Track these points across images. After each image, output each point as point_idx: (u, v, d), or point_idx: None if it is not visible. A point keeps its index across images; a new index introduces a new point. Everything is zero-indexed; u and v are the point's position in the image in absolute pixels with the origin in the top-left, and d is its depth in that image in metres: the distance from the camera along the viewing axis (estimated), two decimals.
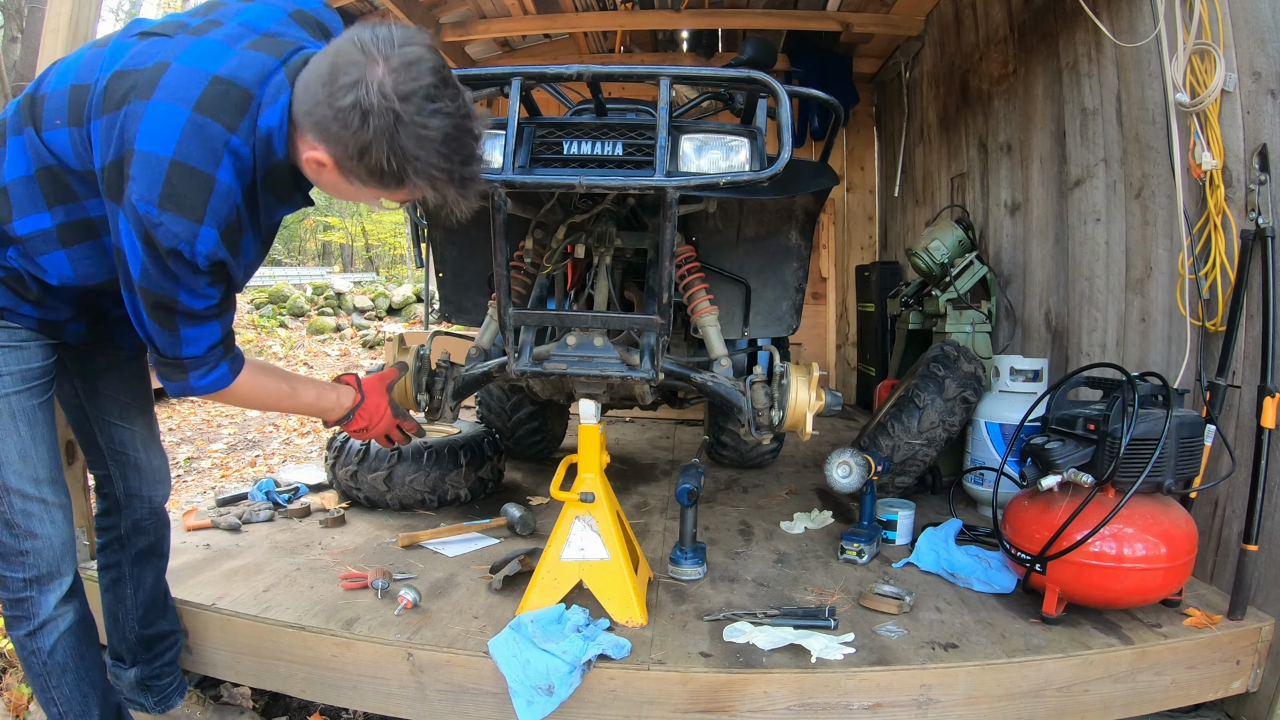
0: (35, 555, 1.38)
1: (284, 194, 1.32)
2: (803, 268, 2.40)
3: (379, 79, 1.09)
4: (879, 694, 1.58)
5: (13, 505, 1.35)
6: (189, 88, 1.16)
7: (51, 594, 1.41)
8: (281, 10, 1.33)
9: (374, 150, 1.12)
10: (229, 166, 1.19)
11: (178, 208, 1.14)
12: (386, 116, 1.10)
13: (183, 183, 1.14)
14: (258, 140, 1.21)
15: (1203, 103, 1.96)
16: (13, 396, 1.34)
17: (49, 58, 1.91)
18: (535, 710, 1.52)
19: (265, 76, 1.21)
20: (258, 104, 1.20)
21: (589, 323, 1.90)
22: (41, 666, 1.43)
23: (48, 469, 1.40)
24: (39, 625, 1.41)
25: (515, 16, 4.59)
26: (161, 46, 1.21)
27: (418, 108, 1.11)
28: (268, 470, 4.14)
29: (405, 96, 1.10)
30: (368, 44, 1.12)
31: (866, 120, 5.52)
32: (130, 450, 1.61)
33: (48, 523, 1.39)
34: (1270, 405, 1.80)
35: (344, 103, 1.10)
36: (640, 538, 2.33)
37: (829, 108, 2.05)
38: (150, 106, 1.14)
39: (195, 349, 1.31)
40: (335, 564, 2.08)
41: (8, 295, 1.31)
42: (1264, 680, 1.81)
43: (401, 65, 1.11)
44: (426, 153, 1.13)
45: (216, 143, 1.17)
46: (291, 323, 9.78)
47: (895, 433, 2.58)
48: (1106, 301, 2.58)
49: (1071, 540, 1.72)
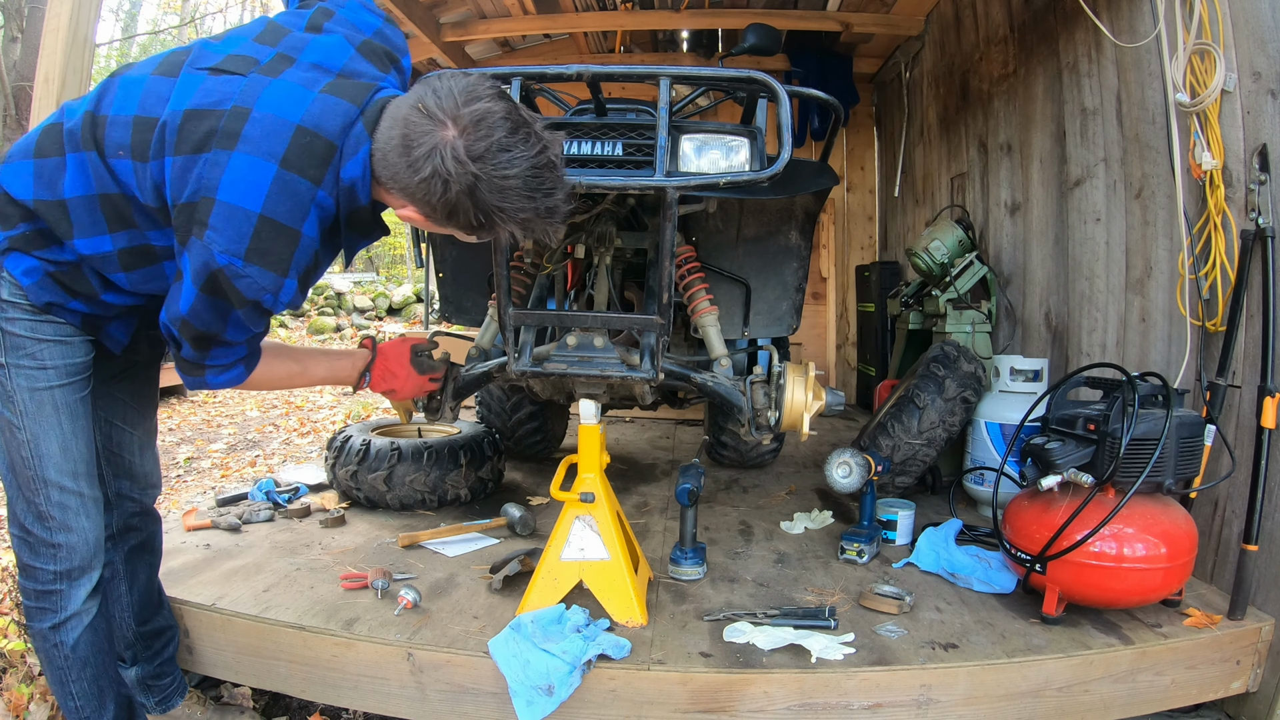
0: (69, 549, 1.39)
1: (365, 230, 1.37)
2: (803, 268, 2.40)
3: (451, 144, 1.14)
4: (879, 694, 1.58)
5: (50, 498, 1.37)
6: (274, 140, 1.17)
7: (81, 588, 1.42)
8: (349, 45, 1.34)
9: (460, 211, 1.18)
10: (314, 220, 1.22)
11: (264, 261, 1.18)
12: (465, 180, 1.15)
13: (270, 238, 1.18)
14: (340, 190, 1.25)
15: (1203, 103, 1.96)
16: (57, 390, 1.36)
17: (49, 58, 1.91)
18: (535, 710, 1.52)
19: (347, 128, 1.23)
20: (340, 155, 1.23)
21: (589, 323, 1.90)
22: (63, 660, 1.43)
23: (85, 463, 1.41)
24: (65, 619, 1.41)
25: (515, 16, 4.59)
26: (236, 88, 1.21)
27: (494, 163, 1.15)
28: (268, 470, 4.14)
29: (479, 156, 1.15)
30: (432, 108, 1.16)
31: (866, 120, 5.52)
32: (126, 453, 1.61)
33: (83, 516, 1.40)
34: (1270, 405, 1.80)
35: (423, 174, 1.15)
36: (640, 538, 2.33)
37: (829, 108, 2.05)
38: (234, 158, 1.16)
39: (221, 362, 1.36)
40: (335, 564, 2.08)
41: (57, 291, 1.33)
42: (1264, 680, 1.81)
43: (471, 125, 1.15)
44: (510, 201, 1.18)
45: (304, 198, 1.20)
46: (291, 322, 9.79)
47: (895, 433, 2.58)
48: (1106, 301, 2.58)
49: (1071, 540, 1.72)
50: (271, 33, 1.33)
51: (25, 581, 1.42)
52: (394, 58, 1.41)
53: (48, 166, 1.27)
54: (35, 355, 1.34)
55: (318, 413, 6.01)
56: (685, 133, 1.86)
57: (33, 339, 1.33)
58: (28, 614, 1.43)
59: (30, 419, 1.34)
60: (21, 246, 1.29)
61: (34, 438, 1.35)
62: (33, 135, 1.31)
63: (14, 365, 1.33)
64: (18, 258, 1.29)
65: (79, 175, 1.26)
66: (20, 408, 1.34)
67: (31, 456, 1.35)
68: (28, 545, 1.40)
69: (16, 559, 1.43)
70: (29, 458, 1.35)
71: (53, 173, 1.27)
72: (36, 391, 1.34)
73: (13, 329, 1.32)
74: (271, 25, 1.35)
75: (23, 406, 1.34)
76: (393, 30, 1.45)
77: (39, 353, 1.34)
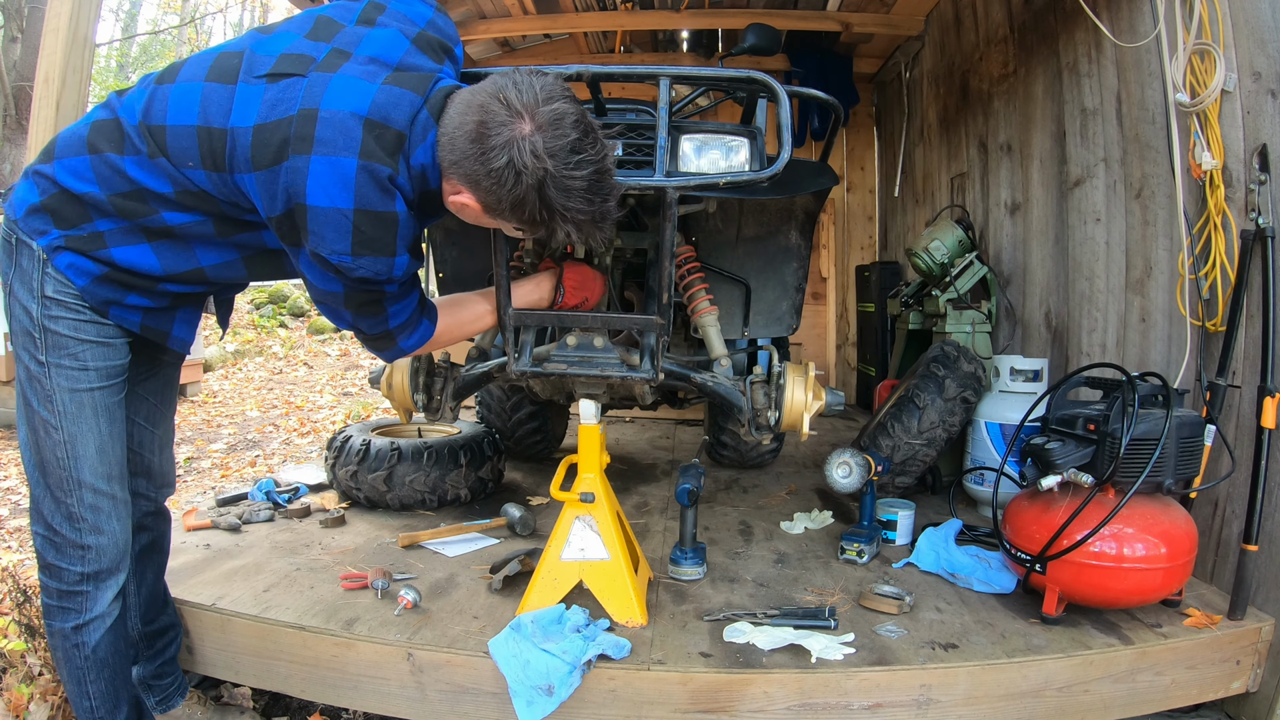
0: (98, 551, 1.39)
1: (433, 212, 1.39)
2: (803, 268, 2.40)
3: (529, 138, 1.17)
4: (879, 694, 1.58)
5: (83, 500, 1.36)
6: (348, 135, 1.19)
7: (109, 590, 1.42)
8: (404, 38, 1.34)
9: (527, 205, 1.22)
10: (400, 198, 1.25)
11: (373, 250, 1.23)
12: (538, 175, 1.18)
13: (371, 227, 1.22)
14: (412, 175, 1.27)
15: (1203, 103, 1.96)
16: (97, 392, 1.35)
17: (49, 58, 1.91)
18: (535, 710, 1.52)
19: (413, 117, 1.25)
20: (410, 144, 1.25)
21: (589, 323, 1.90)
22: (84, 661, 1.42)
23: (120, 466, 1.41)
24: (89, 620, 1.41)
25: (515, 16, 4.59)
26: (299, 90, 1.22)
27: (565, 162, 1.19)
28: (268, 470, 4.14)
29: (554, 154, 1.18)
30: (513, 101, 1.19)
31: (866, 120, 5.52)
32: (146, 452, 1.61)
33: (114, 519, 1.40)
34: (1270, 405, 1.80)
35: (498, 164, 1.18)
36: (640, 538, 2.33)
37: (829, 108, 2.04)
38: (314, 162, 1.18)
39: (401, 318, 1.42)
40: (335, 564, 2.08)
41: (114, 289, 1.33)
42: (1264, 680, 1.81)
43: (548, 123, 1.19)
44: (574, 201, 1.23)
45: (387, 182, 1.22)
46: (291, 323, 9.78)
47: (895, 433, 2.58)
48: (1106, 301, 2.58)
49: (1072, 540, 1.72)
50: (324, 28, 1.33)
51: (49, 580, 1.40)
52: (448, 48, 1.42)
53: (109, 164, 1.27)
54: (77, 355, 1.33)
55: (318, 413, 6.01)
56: (685, 133, 1.86)
57: (75, 339, 1.32)
58: (47, 612, 1.42)
59: (69, 420, 1.33)
60: (79, 247, 1.29)
61: (71, 439, 1.34)
62: (80, 133, 1.30)
63: (55, 364, 1.32)
64: (72, 257, 1.29)
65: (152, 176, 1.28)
66: (59, 408, 1.32)
67: (67, 457, 1.34)
68: (53, 545, 1.38)
69: (39, 558, 1.41)
70: (64, 458, 1.34)
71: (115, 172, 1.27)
72: (77, 393, 1.33)
73: (56, 327, 1.31)
74: (322, 20, 1.35)
75: (62, 407, 1.32)
76: (444, 20, 1.45)
77: (81, 353, 1.33)
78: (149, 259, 1.32)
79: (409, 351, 1.50)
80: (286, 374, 7.69)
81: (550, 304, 1.81)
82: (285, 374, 7.69)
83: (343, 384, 7.26)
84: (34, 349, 1.32)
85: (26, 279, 1.30)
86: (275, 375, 7.61)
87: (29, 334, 1.32)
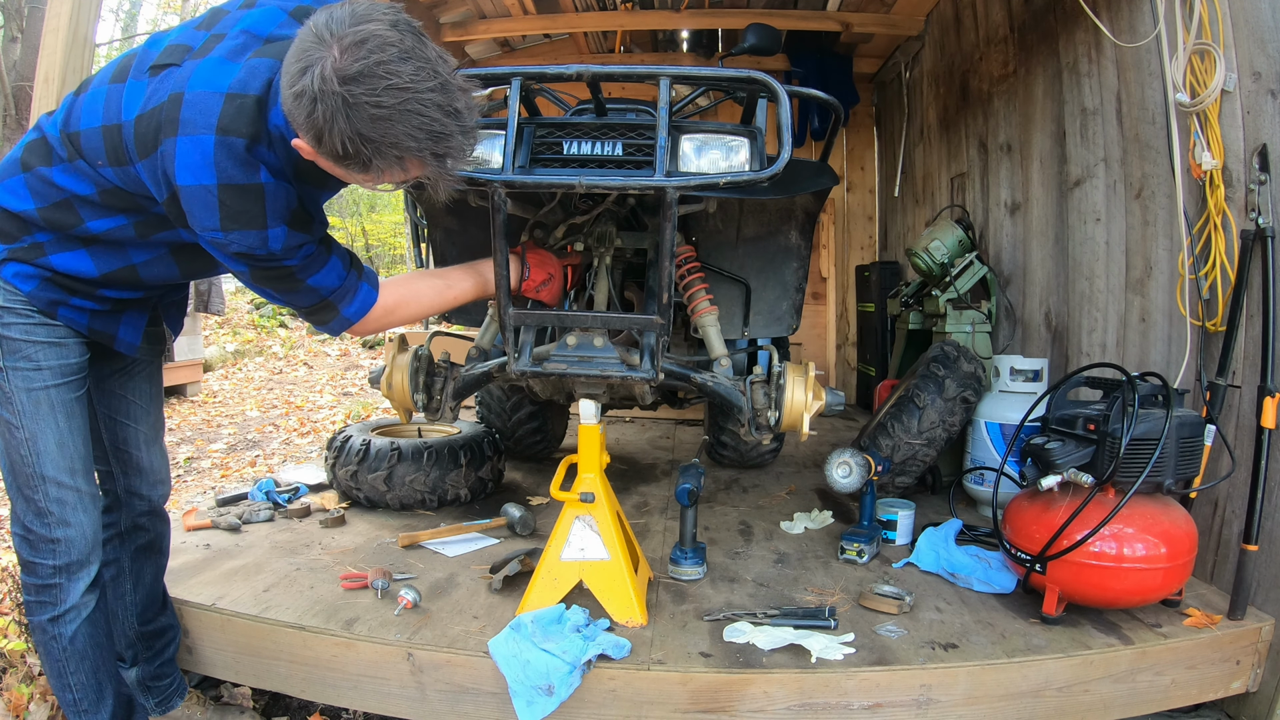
0: (67, 544, 1.42)
1: (318, 181, 1.36)
2: (803, 268, 2.40)
3: (326, 63, 1.08)
4: (879, 694, 1.58)
5: (48, 494, 1.40)
6: (207, 113, 1.20)
7: (80, 582, 1.45)
8: (281, 11, 1.34)
9: (328, 135, 1.10)
10: (264, 170, 1.24)
11: (240, 224, 1.23)
12: (333, 100, 1.07)
13: (235, 200, 1.22)
14: (274, 140, 1.25)
15: (1203, 103, 1.96)
16: (52, 389, 1.40)
17: (49, 57, 1.92)
18: (535, 710, 1.52)
19: (271, 81, 1.23)
20: (268, 108, 1.23)
21: (589, 323, 1.90)
22: (61, 653, 1.46)
23: (82, 460, 1.45)
24: (63, 611, 1.44)
25: (515, 16, 4.59)
26: (174, 79, 1.24)
27: (368, 88, 1.07)
28: (268, 470, 4.14)
29: (352, 78, 1.07)
30: (322, 29, 1.10)
31: (866, 120, 5.52)
32: (133, 449, 1.64)
33: (80, 511, 1.43)
34: (1270, 405, 1.80)
35: (296, 89, 1.10)
36: (640, 538, 2.33)
37: (829, 108, 2.05)
38: (180, 143, 1.19)
39: (330, 281, 1.41)
40: (335, 564, 2.08)
41: (58, 290, 1.39)
42: (1264, 680, 1.81)
43: (352, 45, 1.07)
44: (384, 132, 1.10)
45: (244, 153, 1.21)
46: (291, 323, 9.77)
47: (895, 433, 2.58)
48: (1106, 301, 2.58)
49: (1071, 540, 1.72)
50: (212, 16, 1.35)
51: (26, 577, 1.45)
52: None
53: (39, 177, 1.33)
54: (30, 357, 1.38)
55: (318, 413, 6.01)
56: (685, 133, 1.86)
57: (28, 341, 1.37)
58: (28, 609, 1.47)
59: (28, 418, 1.38)
60: (22, 256, 1.35)
61: (32, 436, 1.38)
62: (15, 155, 1.37)
63: (10, 368, 1.37)
64: (16, 266, 1.36)
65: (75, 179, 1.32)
66: (18, 408, 1.37)
67: (30, 454, 1.39)
68: (28, 543, 1.43)
69: (18, 556, 1.46)
70: (27, 455, 1.39)
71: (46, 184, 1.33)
72: (33, 391, 1.38)
73: (9, 333, 1.36)
74: (214, 9, 1.38)
75: (20, 406, 1.37)
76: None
77: (34, 354, 1.38)
78: (85, 263, 1.37)
79: (355, 321, 1.47)
80: (286, 374, 7.69)
81: (519, 280, 1.83)
82: (285, 374, 7.68)
83: (343, 384, 7.26)
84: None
85: None
86: (275, 375, 7.60)
87: None
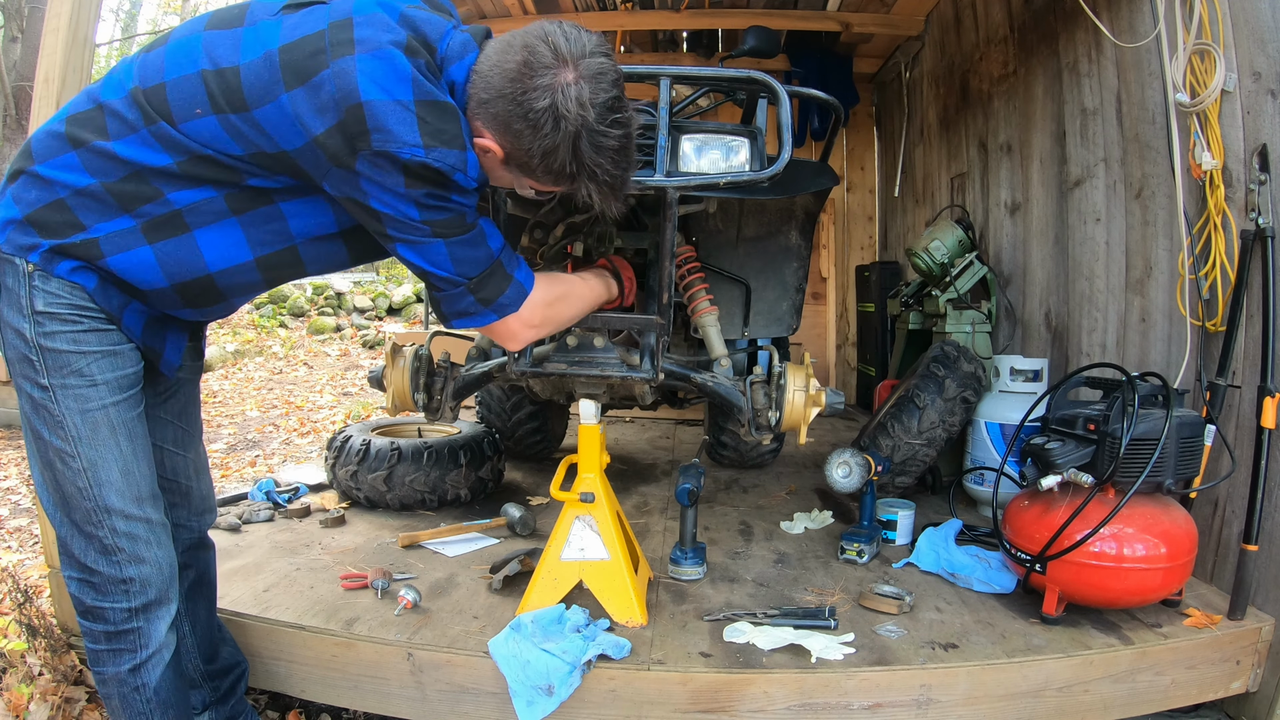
0: (142, 582, 1.25)
1: None
2: (803, 268, 2.40)
3: (573, 85, 1.14)
4: (879, 694, 1.58)
5: (115, 528, 1.23)
6: (391, 30, 1.13)
7: (161, 621, 1.28)
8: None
9: (559, 155, 1.18)
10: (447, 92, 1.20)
11: (443, 142, 1.13)
12: (577, 124, 1.15)
13: (435, 118, 1.13)
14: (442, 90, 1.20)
15: (1203, 103, 1.96)
16: (111, 408, 1.22)
17: (49, 58, 1.91)
18: (535, 710, 1.52)
19: (443, 32, 1.21)
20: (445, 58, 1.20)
21: (589, 323, 1.90)
22: (144, 705, 1.29)
23: (150, 486, 1.28)
24: (147, 658, 1.28)
25: (515, 16, 4.59)
26: (323, 11, 1.16)
27: (602, 118, 1.17)
28: (268, 470, 4.14)
29: (594, 106, 1.16)
30: (560, 47, 1.15)
31: (866, 120, 5.52)
32: (183, 479, 1.49)
33: (154, 545, 1.27)
34: (1270, 405, 1.80)
35: (538, 105, 1.14)
36: (640, 538, 2.33)
37: (829, 108, 2.05)
38: (360, 60, 1.09)
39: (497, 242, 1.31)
40: (335, 564, 2.08)
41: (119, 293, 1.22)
42: (1264, 680, 1.81)
43: (592, 75, 1.16)
44: (603, 160, 1.20)
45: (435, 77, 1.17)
46: (291, 323, 9.78)
47: (895, 433, 2.58)
48: (1106, 301, 2.58)
49: (1071, 540, 1.72)
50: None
51: (92, 625, 1.26)
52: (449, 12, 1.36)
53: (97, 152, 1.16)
54: (82, 371, 1.19)
55: (318, 413, 6.01)
56: (685, 133, 1.86)
57: (77, 353, 1.19)
58: (95, 659, 1.28)
59: (85, 444, 1.20)
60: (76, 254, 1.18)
61: (91, 464, 1.21)
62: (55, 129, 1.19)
63: (60, 386, 1.19)
64: (73, 262, 1.17)
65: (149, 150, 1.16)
66: (72, 433, 1.19)
67: (90, 485, 1.21)
68: (91, 587, 1.25)
69: (76, 603, 1.26)
70: (86, 487, 1.21)
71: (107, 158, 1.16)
72: (89, 413, 1.20)
73: (53, 344, 1.18)
74: None
75: (75, 431, 1.19)
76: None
77: (86, 368, 1.19)
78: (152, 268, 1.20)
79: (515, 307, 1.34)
80: (286, 374, 7.68)
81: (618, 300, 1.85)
82: (285, 374, 7.68)
83: (343, 384, 7.26)
84: (34, 374, 1.19)
85: (14, 299, 1.17)
86: (275, 375, 7.60)
87: (25, 358, 1.19)
